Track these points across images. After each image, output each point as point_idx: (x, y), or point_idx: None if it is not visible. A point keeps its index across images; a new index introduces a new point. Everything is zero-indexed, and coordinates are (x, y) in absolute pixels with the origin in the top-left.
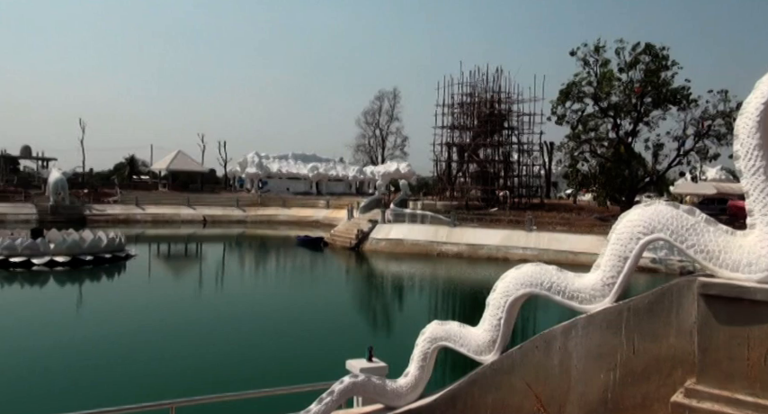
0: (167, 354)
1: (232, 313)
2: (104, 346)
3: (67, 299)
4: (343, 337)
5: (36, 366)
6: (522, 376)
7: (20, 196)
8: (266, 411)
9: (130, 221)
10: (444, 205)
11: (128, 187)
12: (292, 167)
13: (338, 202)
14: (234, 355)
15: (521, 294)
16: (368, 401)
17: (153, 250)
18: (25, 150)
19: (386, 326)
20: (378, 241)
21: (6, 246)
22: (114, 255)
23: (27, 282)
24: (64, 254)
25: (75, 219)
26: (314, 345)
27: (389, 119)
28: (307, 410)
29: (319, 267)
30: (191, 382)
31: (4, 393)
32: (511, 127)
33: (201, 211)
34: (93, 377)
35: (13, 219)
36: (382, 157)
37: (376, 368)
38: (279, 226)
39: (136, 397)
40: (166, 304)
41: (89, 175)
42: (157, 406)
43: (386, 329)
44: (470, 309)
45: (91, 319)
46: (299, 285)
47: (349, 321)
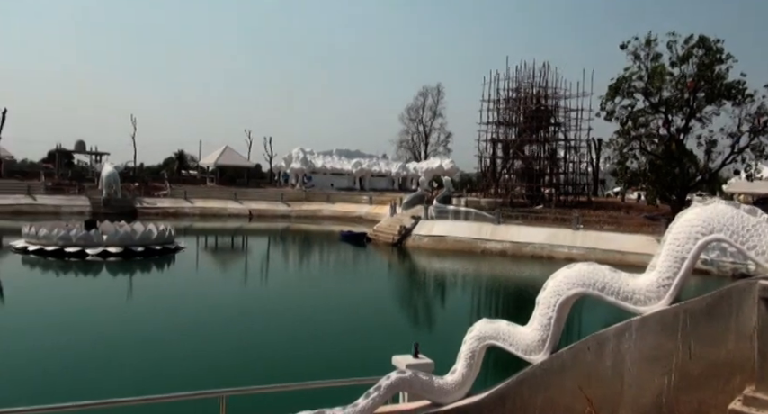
0: (216, 344)
1: (278, 306)
2: (155, 334)
3: (119, 288)
4: (388, 333)
5: (88, 352)
6: (572, 377)
7: (74, 189)
8: (314, 404)
9: (179, 215)
10: (488, 202)
11: (177, 181)
12: (336, 163)
13: (381, 198)
14: (281, 347)
15: (572, 294)
16: (414, 397)
17: (201, 243)
18: (79, 145)
19: (430, 322)
20: (420, 238)
21: (62, 236)
22: (164, 247)
23: (81, 271)
24: (116, 245)
25: (126, 211)
26: (359, 339)
27: (433, 115)
28: (354, 404)
29: (362, 263)
30: (239, 372)
31: (59, 377)
32: (557, 123)
33: (248, 206)
34: (143, 364)
35: (67, 211)
36: (425, 154)
37: (422, 364)
38: (322, 221)
39: (186, 385)
40: (214, 296)
41: (140, 169)
42: (208, 394)
43: (430, 326)
44: (514, 307)
45: (141, 309)
46: (343, 280)
47: (393, 317)
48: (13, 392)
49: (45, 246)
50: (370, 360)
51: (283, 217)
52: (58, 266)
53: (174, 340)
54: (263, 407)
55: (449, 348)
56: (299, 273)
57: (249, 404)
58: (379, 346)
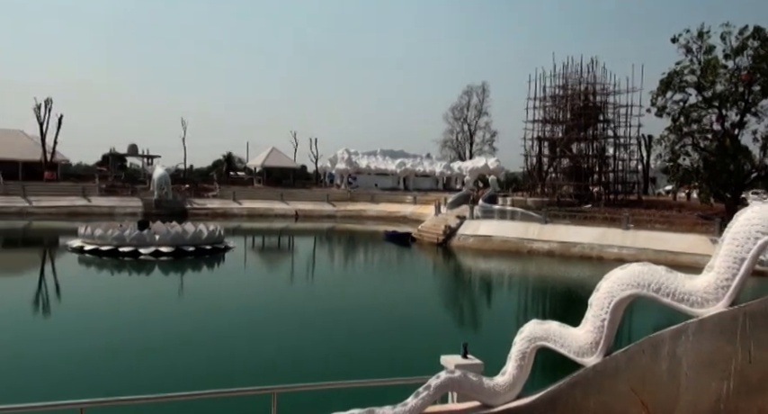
0: (265, 342)
1: (324, 305)
2: (206, 331)
3: (172, 287)
4: (435, 333)
5: (142, 349)
6: (626, 381)
7: (127, 191)
8: (363, 402)
9: (228, 215)
10: (535, 201)
11: (225, 183)
12: (380, 163)
13: (425, 198)
14: (329, 346)
15: (626, 295)
16: (463, 398)
17: (248, 243)
18: (132, 148)
19: (477, 323)
20: (466, 237)
21: (116, 236)
22: (214, 246)
23: (134, 270)
24: (168, 244)
25: (177, 212)
26: (406, 339)
27: (478, 114)
28: (403, 403)
29: (407, 262)
30: (289, 370)
31: (114, 372)
32: (606, 120)
33: (294, 206)
34: (195, 360)
35: (121, 212)
36: (470, 153)
37: (471, 365)
38: (367, 221)
39: (237, 382)
40: (262, 294)
41: (189, 171)
42: (259, 391)
43: (477, 326)
44: (562, 309)
45: (193, 307)
46: (389, 280)
47: (439, 317)
48: (74, 386)
49: (100, 245)
50: (418, 360)
51: (329, 217)
52: (112, 265)
53: (224, 337)
54: (313, 404)
55: (497, 349)
56: (345, 272)
57: (299, 401)
58: (426, 346)
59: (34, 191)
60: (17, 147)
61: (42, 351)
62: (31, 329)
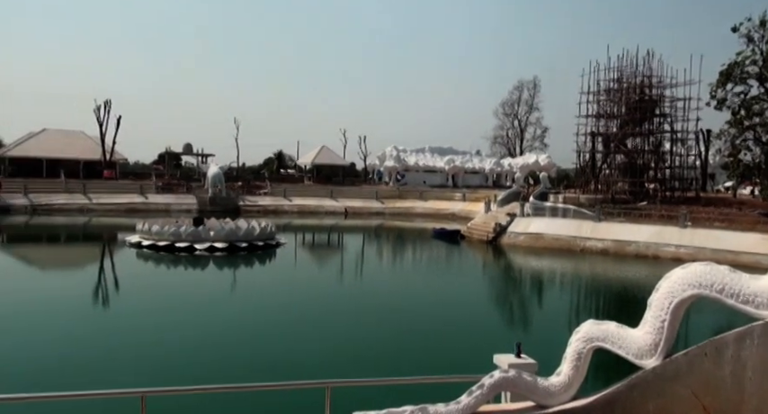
0: (317, 336)
1: (374, 302)
2: (259, 324)
3: (226, 281)
4: (486, 331)
5: (197, 340)
6: (687, 385)
7: (182, 188)
8: (415, 399)
9: (279, 212)
10: (588, 199)
11: (276, 180)
12: (429, 160)
13: (474, 195)
14: (380, 342)
15: (687, 296)
16: (517, 398)
17: (299, 239)
18: (187, 147)
19: (529, 322)
20: (516, 235)
21: (173, 232)
22: (266, 242)
23: (190, 265)
24: (222, 240)
25: (230, 209)
26: (456, 337)
27: (529, 109)
28: (457, 401)
29: (457, 260)
30: (341, 365)
31: (170, 362)
32: (663, 114)
33: (343, 203)
34: (248, 353)
35: (176, 209)
36: (521, 149)
37: (525, 365)
38: (415, 218)
39: (290, 375)
40: (313, 290)
41: (241, 169)
42: (313, 385)
43: (529, 326)
44: (616, 309)
45: (247, 301)
46: (438, 277)
47: (490, 315)
48: (135, 375)
49: (157, 241)
50: (469, 358)
51: (377, 214)
52: (169, 260)
53: (278, 331)
54: (366, 400)
55: (550, 349)
56: (394, 269)
57: (353, 396)
58: (478, 345)
59: (94, 189)
60: (78, 147)
61: (104, 341)
62: (94, 321)
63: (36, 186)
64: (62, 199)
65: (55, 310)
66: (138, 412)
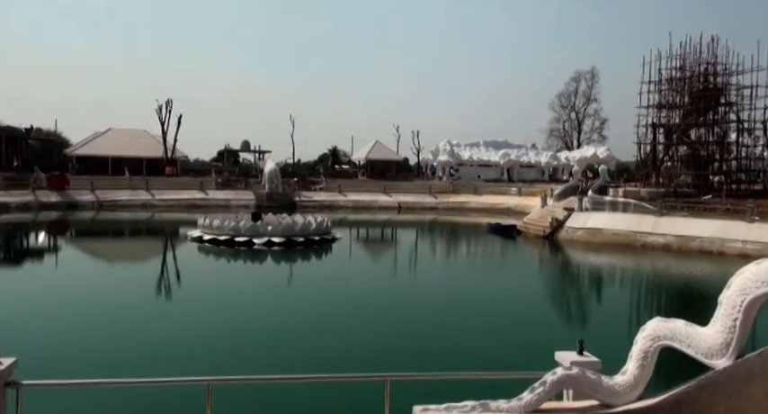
0: (376, 330)
1: (430, 297)
2: (318, 317)
3: (285, 274)
4: (545, 328)
5: (257, 332)
6: (762, 386)
7: (240, 185)
8: (476, 394)
9: (334, 207)
10: (649, 192)
11: (331, 176)
12: (483, 155)
13: (530, 190)
14: (439, 336)
15: (762, 293)
16: (580, 396)
17: (353, 234)
18: (245, 145)
19: (588, 319)
20: (574, 230)
21: (232, 227)
22: (322, 237)
23: (249, 259)
24: (279, 235)
25: (286, 204)
26: (515, 333)
27: (586, 101)
28: (518, 398)
29: (513, 255)
30: (401, 359)
31: (233, 352)
32: (728, 103)
33: (396, 198)
34: (308, 345)
35: (235, 204)
36: (578, 142)
37: (588, 362)
38: (469, 213)
39: (351, 368)
40: (369, 284)
41: (297, 165)
42: (372, 378)
43: (589, 323)
44: (680, 306)
45: (305, 293)
46: (494, 273)
47: (549, 312)
48: (200, 364)
49: (217, 235)
50: (529, 354)
51: (431, 209)
52: (229, 254)
53: (337, 325)
54: (426, 394)
55: (613, 347)
56: (449, 264)
57: (412, 390)
58: (537, 341)
59: (157, 185)
60: (141, 145)
61: (170, 331)
62: (159, 312)
63: (102, 183)
64: (126, 195)
65: (122, 301)
66: (204, 400)
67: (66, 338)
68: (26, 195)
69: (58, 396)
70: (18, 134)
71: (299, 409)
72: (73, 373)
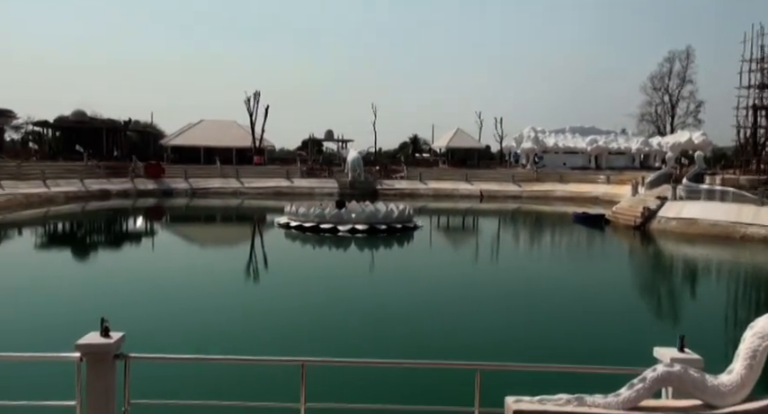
0: (464, 318)
1: (518, 286)
2: (405, 303)
3: (370, 261)
4: (640, 322)
5: (348, 316)
6: None
7: (324, 173)
8: (569, 388)
9: (415, 195)
10: (749, 180)
11: (411, 164)
12: (569, 141)
13: (620, 178)
14: (528, 327)
15: None
16: (680, 395)
17: (434, 222)
18: (328, 134)
19: (687, 314)
20: (667, 220)
21: (318, 214)
22: (404, 225)
23: (334, 245)
24: (363, 222)
25: (368, 192)
26: (609, 326)
27: (681, 82)
28: (616, 394)
29: (602, 246)
30: (491, 348)
31: (323, 334)
32: None
33: (478, 186)
34: (400, 331)
35: (319, 192)
36: (671, 127)
37: (689, 360)
38: (554, 202)
39: (441, 355)
40: (453, 272)
41: (378, 153)
42: (464, 365)
43: (687, 318)
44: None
45: (390, 280)
46: (584, 264)
47: (643, 305)
48: (294, 344)
49: (303, 222)
50: (623, 349)
51: (514, 197)
52: (314, 240)
53: (424, 312)
54: (517, 384)
55: (713, 344)
56: (535, 254)
57: (503, 380)
58: (631, 336)
59: (245, 174)
60: (231, 135)
61: (261, 312)
62: (251, 293)
63: (195, 172)
64: (217, 183)
65: (215, 282)
66: (297, 379)
67: (165, 316)
68: (125, 183)
69: (160, 369)
70: (118, 126)
71: (388, 393)
72: (172, 347)
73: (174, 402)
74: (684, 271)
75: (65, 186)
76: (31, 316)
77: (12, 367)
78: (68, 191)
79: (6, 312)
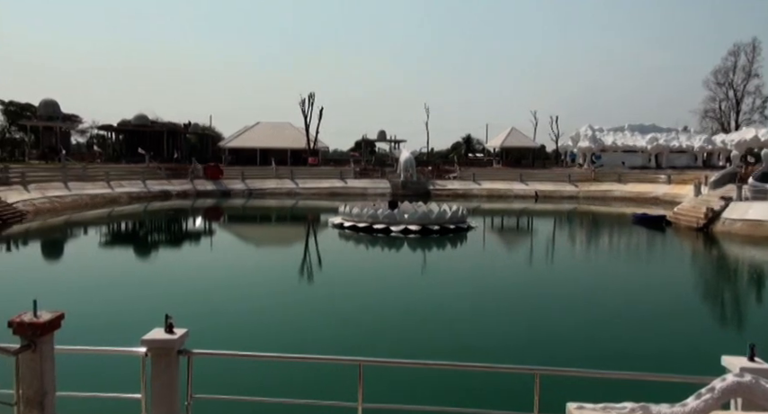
0: (522, 321)
1: (577, 289)
2: (460, 305)
3: (424, 262)
4: (705, 328)
5: (404, 317)
6: None
7: (377, 173)
8: (631, 395)
9: (468, 196)
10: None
11: (465, 164)
12: (628, 140)
13: (681, 177)
14: (589, 331)
15: None
16: (750, 407)
17: (488, 223)
18: (381, 135)
19: (754, 322)
20: (732, 222)
21: (371, 215)
22: (457, 226)
23: (387, 245)
24: (415, 223)
25: (420, 193)
26: (671, 333)
27: (746, 76)
28: (683, 404)
29: (663, 249)
30: (548, 351)
31: (380, 333)
32: None
33: (533, 187)
34: (453, 332)
35: (372, 192)
36: (736, 123)
37: (761, 370)
38: (613, 202)
39: (499, 358)
40: (509, 274)
41: (430, 153)
42: (523, 370)
43: (756, 326)
44: None
45: (445, 281)
46: (644, 267)
47: (709, 312)
48: (351, 344)
49: (357, 222)
50: (687, 357)
51: (570, 198)
52: (368, 240)
53: (480, 314)
54: (577, 390)
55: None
56: (592, 256)
57: (563, 386)
58: (696, 343)
59: (300, 174)
60: (286, 137)
61: (317, 311)
62: (308, 292)
63: (251, 173)
64: (273, 184)
65: (272, 280)
66: (354, 378)
67: (224, 313)
68: (185, 184)
69: (219, 365)
70: (178, 129)
71: (444, 395)
72: (229, 344)
73: (234, 398)
74: (751, 275)
75: (128, 187)
76: (99, 311)
77: (82, 359)
78: (131, 192)
79: (77, 307)
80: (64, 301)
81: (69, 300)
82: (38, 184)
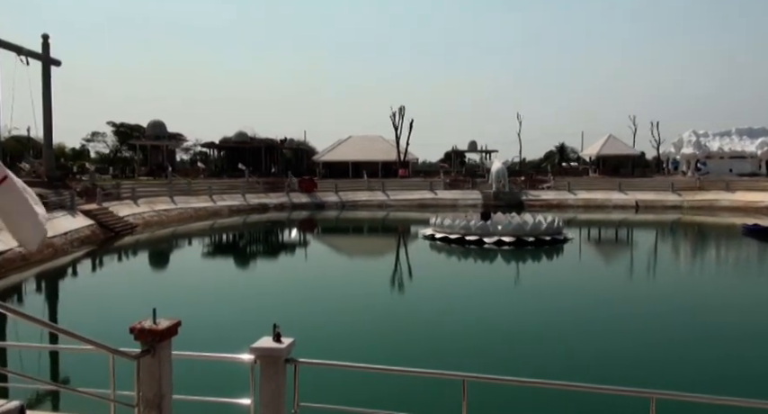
0: (629, 338)
1: (682, 305)
2: (561, 319)
3: (519, 275)
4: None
5: (499, 331)
6: None
7: (467, 184)
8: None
9: (562, 206)
10: None
11: (559, 174)
12: (736, 145)
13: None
14: (703, 352)
15: None
16: None
17: (584, 234)
18: (472, 145)
19: None
20: None
21: (463, 226)
22: (553, 237)
23: (481, 257)
24: (509, 235)
25: (513, 203)
26: None
27: None
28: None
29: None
30: (669, 375)
31: (482, 349)
32: None
33: (633, 196)
34: (553, 348)
35: (462, 203)
36: None
37: None
38: (720, 212)
39: (605, 377)
40: (608, 287)
41: (522, 163)
42: (636, 393)
43: None
44: None
45: (542, 295)
46: (755, 282)
47: None
48: (454, 360)
49: (449, 234)
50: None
51: (673, 208)
52: (460, 252)
53: (583, 328)
54: None
55: None
56: (696, 270)
57: (681, 410)
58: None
59: (391, 186)
60: (377, 149)
61: (418, 323)
62: (404, 303)
63: (344, 186)
64: (365, 196)
65: (368, 292)
66: (459, 394)
67: (323, 323)
68: (281, 197)
69: (321, 374)
70: (275, 145)
71: None
72: (328, 354)
73: (340, 408)
74: None
75: (228, 201)
76: (208, 318)
77: (194, 364)
78: (231, 205)
79: (189, 314)
80: (174, 309)
81: (180, 307)
82: (146, 199)
